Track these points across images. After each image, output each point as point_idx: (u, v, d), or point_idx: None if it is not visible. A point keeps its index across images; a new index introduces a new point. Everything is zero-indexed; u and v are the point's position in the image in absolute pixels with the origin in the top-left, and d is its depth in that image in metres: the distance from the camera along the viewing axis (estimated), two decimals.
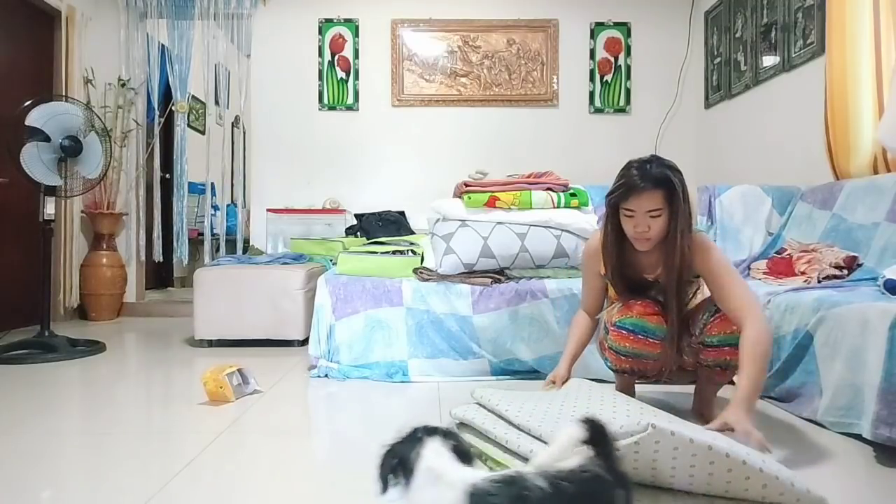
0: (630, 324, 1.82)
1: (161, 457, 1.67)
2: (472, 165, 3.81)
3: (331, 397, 2.35)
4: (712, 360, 1.83)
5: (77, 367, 2.77)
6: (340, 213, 4.41)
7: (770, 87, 3.53)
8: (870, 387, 1.66)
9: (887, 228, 2.30)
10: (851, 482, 1.54)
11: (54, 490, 1.46)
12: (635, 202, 1.74)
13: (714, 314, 1.79)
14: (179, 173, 4.64)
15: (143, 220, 4.63)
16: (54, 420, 2.00)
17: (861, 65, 2.63)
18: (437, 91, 4.57)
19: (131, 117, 4.50)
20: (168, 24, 4.56)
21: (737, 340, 1.65)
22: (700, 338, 1.83)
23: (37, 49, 4.02)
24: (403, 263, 2.77)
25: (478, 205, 2.80)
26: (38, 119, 2.93)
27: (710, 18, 4.35)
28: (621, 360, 1.88)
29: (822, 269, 2.30)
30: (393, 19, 4.56)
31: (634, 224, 1.76)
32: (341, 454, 1.75)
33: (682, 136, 4.56)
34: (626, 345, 1.84)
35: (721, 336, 1.78)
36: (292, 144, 4.57)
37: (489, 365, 2.57)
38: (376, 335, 2.61)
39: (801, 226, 2.76)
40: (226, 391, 2.13)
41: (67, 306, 4.16)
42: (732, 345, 1.71)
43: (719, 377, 1.88)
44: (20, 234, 3.80)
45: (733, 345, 1.70)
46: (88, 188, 3.36)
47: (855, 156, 2.68)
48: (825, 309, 1.92)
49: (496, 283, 2.62)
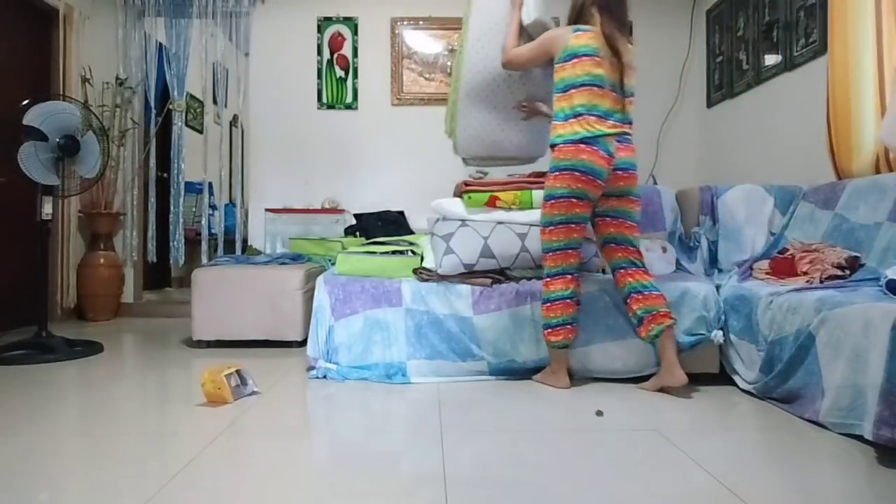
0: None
1: (159, 458, 1.65)
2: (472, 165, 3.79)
3: (329, 398, 2.33)
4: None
5: (74, 368, 2.76)
6: (339, 212, 4.40)
7: (772, 86, 3.52)
8: (872, 388, 1.65)
9: (889, 228, 2.29)
10: (853, 483, 1.53)
11: (52, 491, 1.45)
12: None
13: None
14: (177, 173, 4.63)
15: (141, 221, 4.62)
16: (51, 421, 1.98)
17: (863, 63, 2.62)
18: (437, 90, 4.56)
19: (129, 116, 4.48)
20: (166, 22, 4.54)
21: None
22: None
23: (34, 48, 4.00)
24: (403, 264, 2.76)
25: (478, 204, 2.79)
26: (35, 118, 2.92)
27: (711, 17, 4.33)
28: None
29: (824, 269, 2.29)
30: (392, 17, 4.55)
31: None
32: (340, 455, 1.73)
33: (684, 136, 4.55)
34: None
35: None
36: (291, 144, 4.55)
37: (488, 366, 2.55)
38: (375, 336, 2.60)
39: (804, 226, 2.74)
40: (224, 392, 2.12)
41: (65, 307, 4.14)
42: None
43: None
44: (17, 235, 3.79)
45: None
46: (86, 188, 3.34)
47: (857, 155, 2.67)
48: (827, 309, 1.91)
49: (496, 284, 2.60)
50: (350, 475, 1.55)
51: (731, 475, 1.52)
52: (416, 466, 1.63)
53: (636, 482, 1.52)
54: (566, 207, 2.29)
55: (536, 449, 1.76)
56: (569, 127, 2.28)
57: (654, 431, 1.87)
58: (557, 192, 2.30)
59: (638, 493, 1.45)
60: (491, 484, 1.50)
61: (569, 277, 2.36)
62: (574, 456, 1.69)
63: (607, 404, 2.14)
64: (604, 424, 1.96)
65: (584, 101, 2.27)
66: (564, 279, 2.35)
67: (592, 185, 2.27)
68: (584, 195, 2.28)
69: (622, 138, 2.31)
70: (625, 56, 2.31)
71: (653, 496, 1.44)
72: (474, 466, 1.62)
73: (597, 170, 2.25)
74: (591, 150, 2.24)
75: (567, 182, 2.27)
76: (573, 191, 2.27)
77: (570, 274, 2.36)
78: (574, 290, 2.37)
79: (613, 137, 2.27)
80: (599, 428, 1.92)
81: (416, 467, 1.62)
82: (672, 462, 1.63)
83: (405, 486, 1.49)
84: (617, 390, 2.36)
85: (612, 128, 2.28)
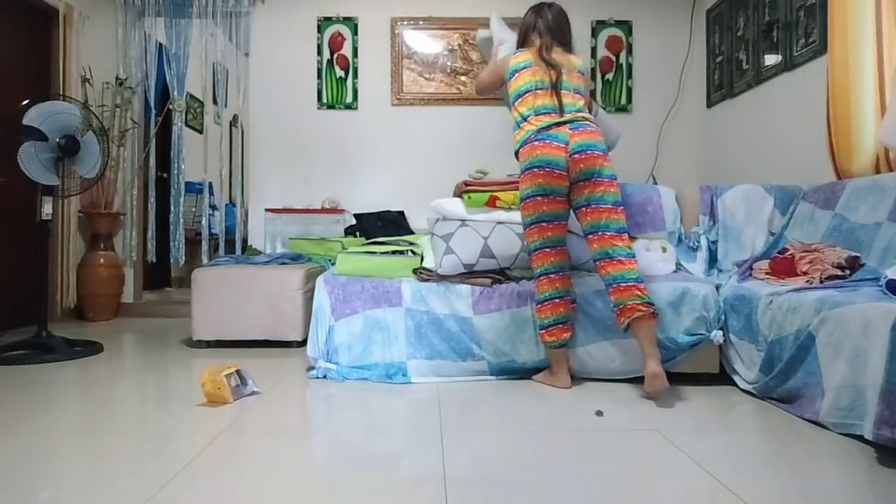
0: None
1: (159, 458, 1.65)
2: (473, 165, 3.80)
3: (329, 398, 2.33)
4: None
5: (74, 368, 2.76)
6: (339, 212, 4.40)
7: (772, 86, 3.52)
8: (872, 388, 1.65)
9: (889, 228, 2.29)
10: (853, 483, 1.53)
11: (52, 491, 1.45)
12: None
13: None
14: (177, 173, 4.63)
15: (141, 221, 4.62)
16: (51, 421, 1.98)
17: (863, 63, 2.62)
18: (437, 90, 4.56)
19: (129, 116, 4.48)
20: (166, 22, 4.54)
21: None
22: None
23: (34, 48, 4.00)
24: (403, 264, 2.76)
25: (478, 204, 2.79)
26: (35, 118, 2.92)
27: (711, 17, 4.33)
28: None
29: (824, 269, 2.29)
30: (392, 17, 4.55)
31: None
32: (340, 455, 1.73)
33: (684, 136, 4.55)
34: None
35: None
36: (291, 144, 4.55)
37: (488, 366, 2.56)
38: (375, 336, 2.60)
39: (804, 225, 2.74)
40: (224, 392, 2.12)
41: (65, 307, 4.14)
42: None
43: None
44: (17, 235, 3.79)
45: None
46: (86, 188, 3.34)
47: (857, 155, 2.67)
48: (827, 309, 1.91)
49: (496, 284, 2.60)
50: (350, 475, 1.55)
51: (731, 475, 1.52)
52: (416, 466, 1.63)
53: (636, 482, 1.52)
54: (533, 207, 2.37)
55: (536, 449, 1.76)
56: (521, 132, 2.41)
57: (654, 431, 1.87)
58: (524, 194, 2.39)
59: (638, 493, 1.45)
60: (491, 484, 1.50)
61: (553, 277, 2.39)
62: (574, 456, 1.69)
63: (607, 404, 2.14)
64: (604, 424, 1.95)
65: (528, 105, 2.42)
66: (549, 278, 2.39)
67: (553, 177, 2.31)
68: (548, 190, 2.33)
69: (576, 125, 2.35)
70: (561, 66, 2.45)
71: (653, 496, 1.44)
72: (474, 466, 1.62)
73: (552, 160, 2.31)
74: (544, 144, 2.33)
75: (529, 181, 2.36)
76: (536, 188, 2.34)
77: (552, 273, 2.39)
78: (561, 289, 2.39)
79: (566, 126, 2.34)
80: (599, 428, 1.92)
81: (416, 467, 1.62)
82: (672, 462, 1.63)
83: (405, 486, 1.49)
84: (616, 390, 2.36)
85: (560, 118, 2.36)
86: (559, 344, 2.38)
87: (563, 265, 2.42)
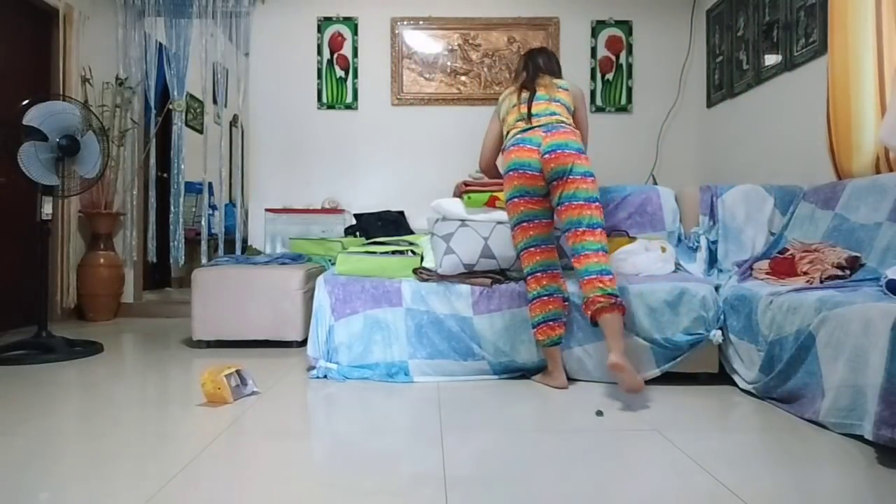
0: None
1: (159, 458, 1.65)
2: (472, 165, 3.79)
3: (329, 398, 2.33)
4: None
5: (74, 368, 2.76)
6: (339, 212, 4.40)
7: (772, 86, 3.52)
8: (872, 388, 1.65)
9: (889, 228, 2.29)
10: (853, 483, 1.53)
11: (52, 492, 1.45)
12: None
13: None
14: (177, 173, 4.62)
15: (141, 221, 4.62)
16: (51, 421, 1.98)
17: (863, 64, 2.62)
18: (437, 90, 4.56)
19: (129, 116, 4.48)
20: (166, 22, 4.54)
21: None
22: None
23: (34, 48, 4.00)
24: (403, 264, 2.76)
25: (478, 204, 2.79)
26: (35, 118, 2.92)
27: (711, 17, 4.33)
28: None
29: (824, 269, 2.29)
30: (392, 17, 4.55)
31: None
32: (340, 455, 1.73)
33: (684, 136, 4.55)
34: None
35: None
36: (291, 143, 4.55)
37: (489, 365, 2.56)
38: (376, 336, 2.60)
39: (804, 226, 2.74)
40: (224, 392, 2.12)
41: (65, 307, 4.14)
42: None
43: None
44: (17, 235, 3.79)
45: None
46: (86, 188, 3.34)
47: (857, 155, 2.67)
48: (827, 309, 1.91)
49: (497, 284, 2.60)
50: (350, 475, 1.55)
51: (731, 475, 1.52)
52: (417, 466, 1.63)
53: (636, 482, 1.53)
54: (513, 208, 2.49)
55: (536, 448, 1.76)
56: (505, 142, 2.61)
57: (654, 431, 1.87)
58: (506, 197, 2.53)
59: (638, 493, 1.46)
60: (491, 483, 1.50)
61: (539, 275, 2.45)
62: (574, 456, 1.69)
63: (607, 404, 2.15)
64: (604, 424, 1.96)
65: (510, 121, 2.60)
66: (535, 277, 2.46)
67: (526, 178, 2.43)
68: (524, 191, 2.45)
69: (550, 127, 2.46)
70: (539, 84, 2.61)
71: (652, 496, 1.44)
72: (474, 466, 1.63)
73: (525, 162, 2.43)
74: (518, 148, 2.47)
75: (508, 184, 2.49)
76: (514, 190, 2.47)
77: (539, 272, 2.45)
78: (548, 287, 2.43)
79: (540, 129, 2.46)
80: (599, 428, 1.92)
81: (417, 466, 1.63)
82: (672, 462, 1.63)
83: (405, 486, 1.49)
84: (616, 390, 2.36)
85: (533, 123, 2.49)
86: (551, 342, 2.40)
87: (551, 263, 2.47)
